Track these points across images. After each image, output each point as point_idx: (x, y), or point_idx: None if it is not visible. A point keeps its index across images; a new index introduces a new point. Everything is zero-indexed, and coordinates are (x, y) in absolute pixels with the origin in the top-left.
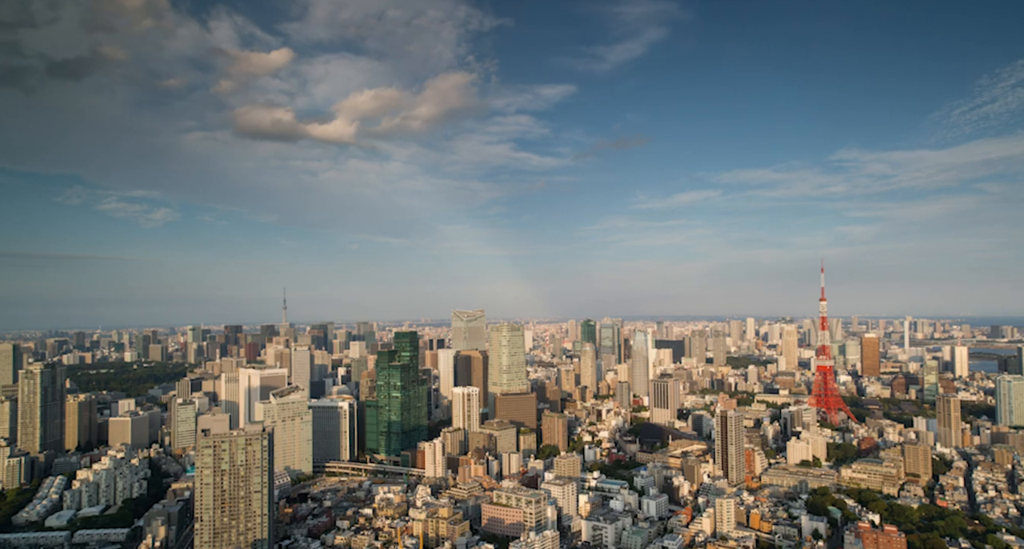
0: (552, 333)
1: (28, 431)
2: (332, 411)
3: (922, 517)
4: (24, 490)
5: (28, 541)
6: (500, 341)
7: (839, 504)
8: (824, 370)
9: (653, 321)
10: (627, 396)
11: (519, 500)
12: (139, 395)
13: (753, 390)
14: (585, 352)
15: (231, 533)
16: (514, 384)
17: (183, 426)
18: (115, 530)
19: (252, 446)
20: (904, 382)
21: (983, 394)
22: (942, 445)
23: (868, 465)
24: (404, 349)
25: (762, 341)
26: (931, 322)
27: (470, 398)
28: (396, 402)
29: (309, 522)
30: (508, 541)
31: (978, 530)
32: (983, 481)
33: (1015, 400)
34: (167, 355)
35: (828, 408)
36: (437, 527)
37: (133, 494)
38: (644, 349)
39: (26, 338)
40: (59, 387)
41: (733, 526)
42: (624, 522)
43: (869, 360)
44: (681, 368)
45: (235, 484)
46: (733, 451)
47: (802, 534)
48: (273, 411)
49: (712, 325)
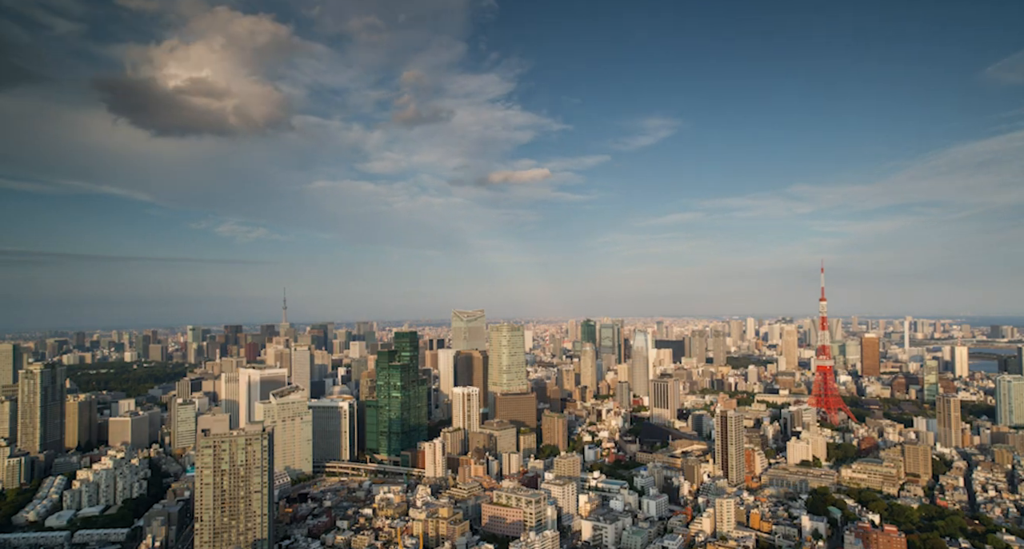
0: (552, 333)
1: (28, 431)
2: (332, 411)
3: (922, 517)
4: (24, 490)
5: (28, 541)
6: (500, 341)
7: (839, 504)
8: (824, 370)
9: (653, 321)
10: (627, 396)
11: (519, 500)
12: (139, 395)
13: (753, 390)
14: (585, 352)
15: (231, 533)
16: (514, 384)
17: (183, 426)
18: (115, 530)
19: (252, 446)
20: (904, 382)
21: (983, 394)
22: (942, 445)
23: (868, 465)
24: (404, 349)
25: (762, 341)
26: (931, 322)
27: (470, 398)
28: (396, 402)
29: (309, 522)
30: (508, 541)
31: (978, 530)
32: (983, 481)
33: (1015, 400)
34: (167, 355)
35: (828, 408)
36: (437, 527)
37: (133, 494)
38: (644, 349)
39: (26, 338)
40: (59, 387)
41: (733, 526)
42: (624, 522)
43: (869, 360)
44: (681, 368)
45: (235, 484)
46: (733, 451)
47: (802, 534)
48: (273, 411)
49: (712, 325)
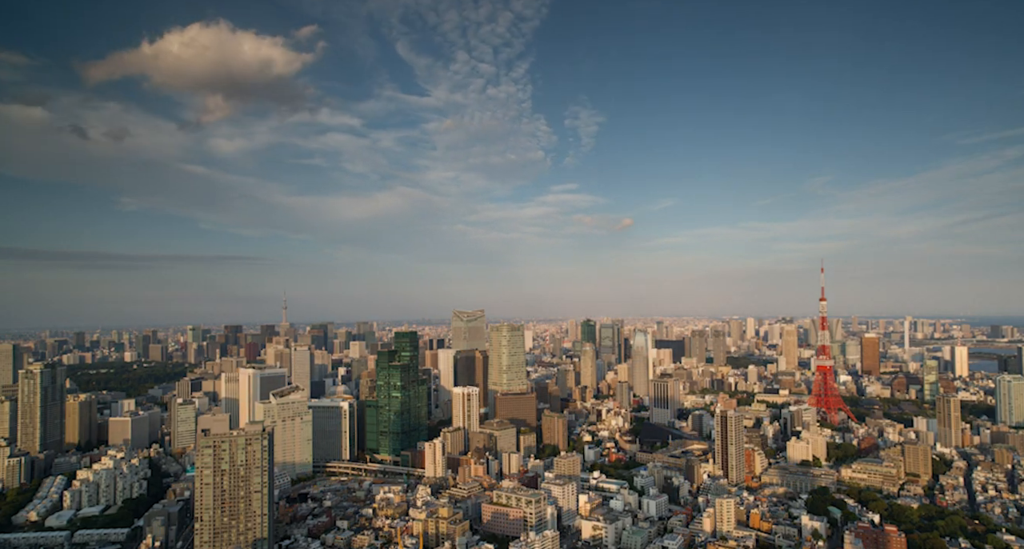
0: (552, 333)
1: (28, 431)
2: (332, 411)
3: (922, 517)
4: (24, 490)
5: (28, 541)
6: (500, 341)
7: (839, 504)
8: (824, 370)
9: (653, 321)
10: (627, 396)
11: (519, 500)
12: (139, 395)
13: (753, 390)
14: (585, 352)
15: (231, 533)
16: (514, 384)
17: (183, 426)
18: (115, 530)
19: (252, 446)
20: (904, 382)
21: (983, 394)
22: (942, 445)
23: (868, 465)
24: (404, 349)
25: (762, 341)
26: (931, 322)
27: (470, 398)
28: (396, 402)
29: (309, 522)
30: (508, 541)
31: (978, 530)
32: (983, 481)
33: (1015, 400)
34: (167, 355)
35: (828, 408)
36: (437, 527)
37: (133, 494)
38: (644, 349)
39: (26, 338)
40: (59, 387)
41: (733, 526)
42: (624, 522)
43: (869, 360)
44: (681, 368)
45: (235, 484)
46: (733, 451)
47: (802, 534)
48: (273, 411)
49: (712, 325)
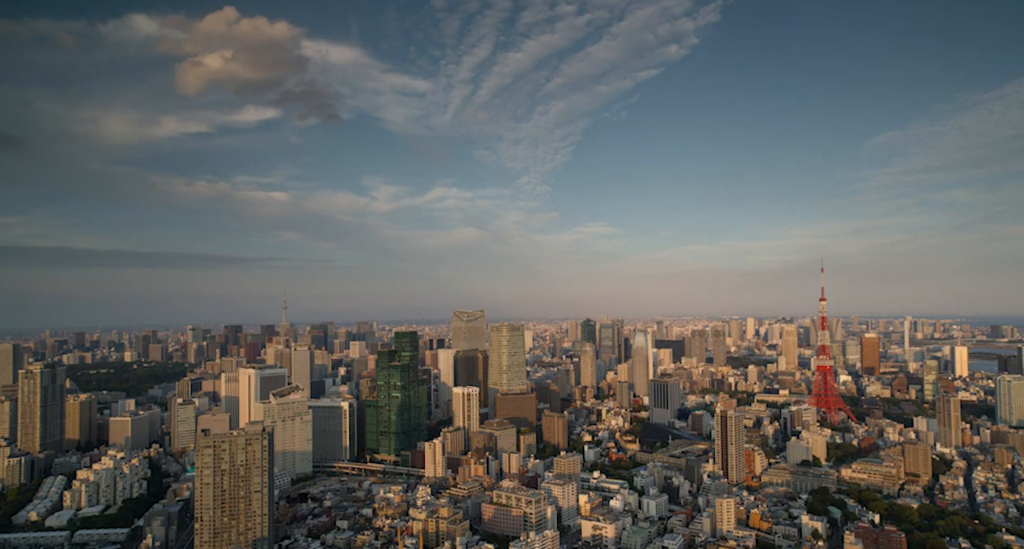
0: (552, 333)
1: (28, 431)
2: (332, 411)
3: (922, 517)
4: (24, 490)
5: (28, 541)
6: (500, 341)
7: (839, 504)
8: (824, 370)
9: (653, 321)
10: (627, 396)
11: (519, 500)
12: (139, 395)
13: (753, 390)
14: (585, 352)
15: (231, 533)
16: (514, 384)
17: (183, 426)
18: (115, 530)
19: (252, 446)
20: (904, 382)
21: (983, 394)
22: (942, 445)
23: (868, 465)
24: (404, 349)
25: (762, 341)
26: (931, 322)
27: (470, 398)
28: (396, 402)
29: (309, 522)
30: (508, 541)
31: (978, 530)
32: (983, 481)
33: (1015, 400)
34: (167, 355)
35: (828, 408)
36: (437, 527)
37: (133, 494)
38: (644, 349)
39: (26, 338)
40: (59, 387)
41: (733, 526)
42: (624, 522)
43: (869, 360)
44: (681, 368)
45: (235, 484)
46: (733, 451)
47: (802, 534)
48: (273, 411)
49: (712, 325)
